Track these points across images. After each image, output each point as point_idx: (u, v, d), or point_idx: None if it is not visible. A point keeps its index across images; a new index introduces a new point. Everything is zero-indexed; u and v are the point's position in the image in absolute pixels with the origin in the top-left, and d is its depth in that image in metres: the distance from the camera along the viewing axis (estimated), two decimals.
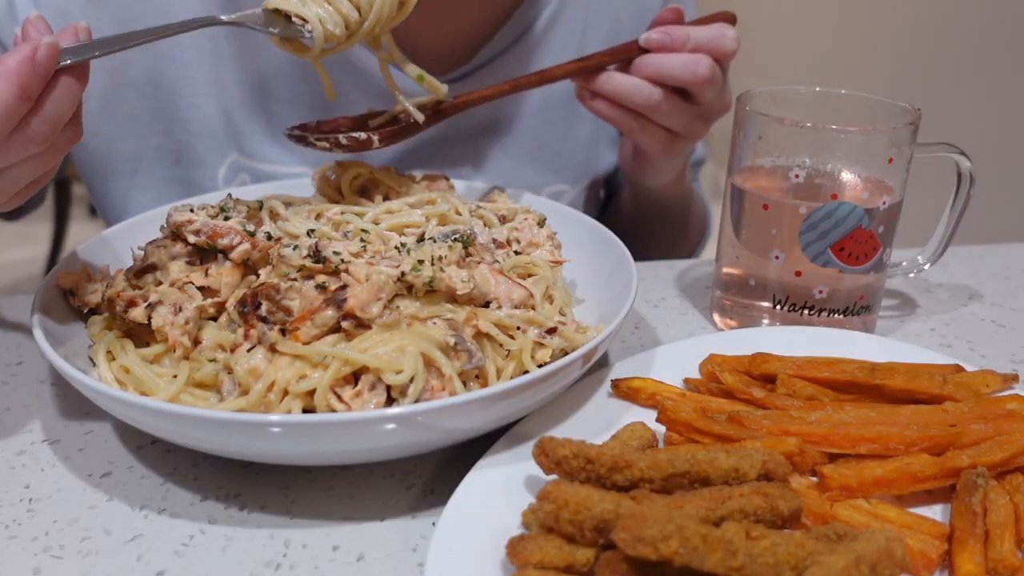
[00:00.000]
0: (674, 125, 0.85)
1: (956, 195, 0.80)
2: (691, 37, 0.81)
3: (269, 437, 0.53)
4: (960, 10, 2.66)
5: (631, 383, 0.64)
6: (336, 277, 0.61)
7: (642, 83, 0.81)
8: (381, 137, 0.78)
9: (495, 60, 0.97)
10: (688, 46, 0.81)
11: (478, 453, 0.58)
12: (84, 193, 2.56)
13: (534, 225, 0.76)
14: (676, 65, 0.80)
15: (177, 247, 0.68)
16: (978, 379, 0.65)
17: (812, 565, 0.43)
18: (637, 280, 0.69)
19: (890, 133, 0.72)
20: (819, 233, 0.73)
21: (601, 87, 0.83)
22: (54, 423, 0.67)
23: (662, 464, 0.50)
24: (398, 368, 0.57)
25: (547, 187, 1.04)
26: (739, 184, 0.78)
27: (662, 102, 0.82)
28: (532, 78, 0.83)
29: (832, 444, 0.56)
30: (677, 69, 0.80)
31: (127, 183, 0.96)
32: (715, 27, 0.82)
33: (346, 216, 0.73)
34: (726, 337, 0.73)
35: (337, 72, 0.93)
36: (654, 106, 0.82)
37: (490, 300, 0.66)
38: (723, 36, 0.81)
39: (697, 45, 0.81)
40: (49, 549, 0.54)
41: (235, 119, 0.95)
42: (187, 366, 0.61)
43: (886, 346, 0.71)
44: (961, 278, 0.95)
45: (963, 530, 0.51)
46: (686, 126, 0.86)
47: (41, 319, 0.63)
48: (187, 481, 0.60)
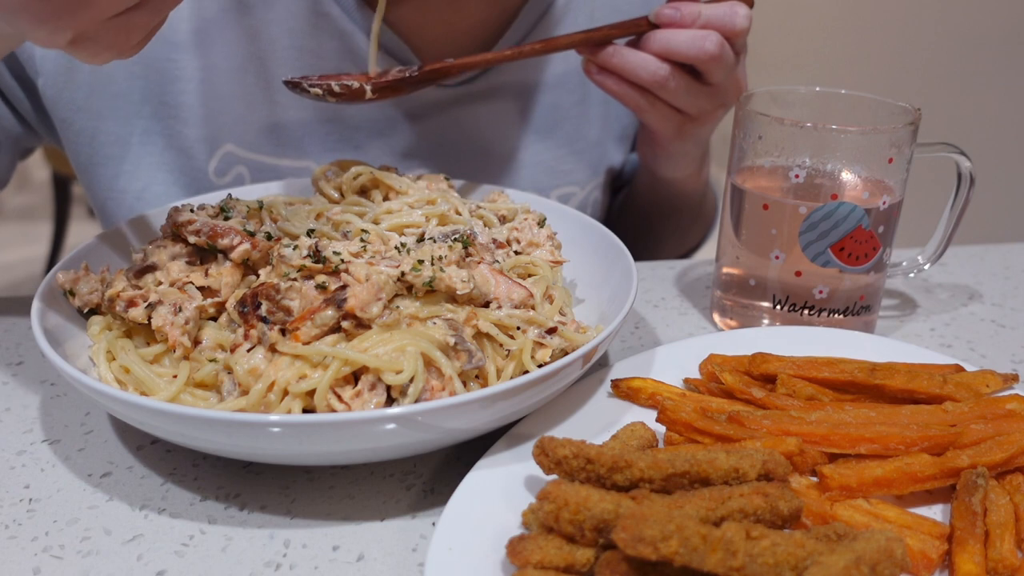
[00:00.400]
0: (683, 104, 0.84)
1: (956, 195, 0.80)
2: (702, 13, 0.80)
3: (269, 437, 0.53)
4: (960, 10, 2.66)
5: (631, 383, 0.64)
6: (336, 277, 0.61)
7: (649, 58, 0.80)
8: (374, 88, 0.77)
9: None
10: (698, 22, 0.80)
11: (478, 453, 0.58)
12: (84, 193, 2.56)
13: (534, 225, 0.76)
14: (683, 40, 0.79)
15: (177, 247, 0.68)
16: (978, 379, 0.65)
17: (812, 565, 0.43)
18: (637, 280, 0.69)
19: (890, 133, 0.72)
20: (819, 233, 0.73)
21: (608, 60, 0.82)
22: (54, 423, 0.67)
23: (662, 464, 0.50)
24: (398, 368, 0.57)
25: (556, 189, 1.03)
26: (739, 184, 0.78)
27: (669, 78, 0.81)
28: (536, 46, 0.82)
29: (832, 444, 0.56)
30: (684, 44, 0.79)
31: (115, 169, 0.94)
32: (727, 4, 0.81)
33: (346, 216, 0.73)
34: (726, 337, 0.73)
35: (341, 63, 0.93)
36: (660, 82, 0.81)
37: (490, 300, 0.66)
38: (734, 13, 0.80)
39: (707, 22, 0.80)
40: (49, 549, 0.54)
41: (230, 108, 0.93)
42: (187, 366, 0.61)
43: (886, 346, 0.71)
44: (961, 278, 0.95)
45: (963, 530, 0.51)
46: (696, 106, 0.85)
47: (41, 319, 0.63)
48: (187, 481, 0.60)
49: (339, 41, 0.91)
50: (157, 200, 0.94)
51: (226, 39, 0.91)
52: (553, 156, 1.02)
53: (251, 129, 0.94)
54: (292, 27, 0.91)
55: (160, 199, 0.94)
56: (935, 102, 2.25)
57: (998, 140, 2.64)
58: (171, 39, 0.90)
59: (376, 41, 0.81)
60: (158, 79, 0.91)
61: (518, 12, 0.96)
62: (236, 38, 0.91)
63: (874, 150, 0.73)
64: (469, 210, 0.77)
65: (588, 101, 1.02)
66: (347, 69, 0.92)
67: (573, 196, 1.04)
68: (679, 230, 1.16)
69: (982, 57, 2.65)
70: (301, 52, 0.92)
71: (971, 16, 2.63)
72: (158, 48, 0.90)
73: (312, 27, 0.91)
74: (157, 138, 0.93)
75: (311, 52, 0.92)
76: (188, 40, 0.90)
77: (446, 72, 0.81)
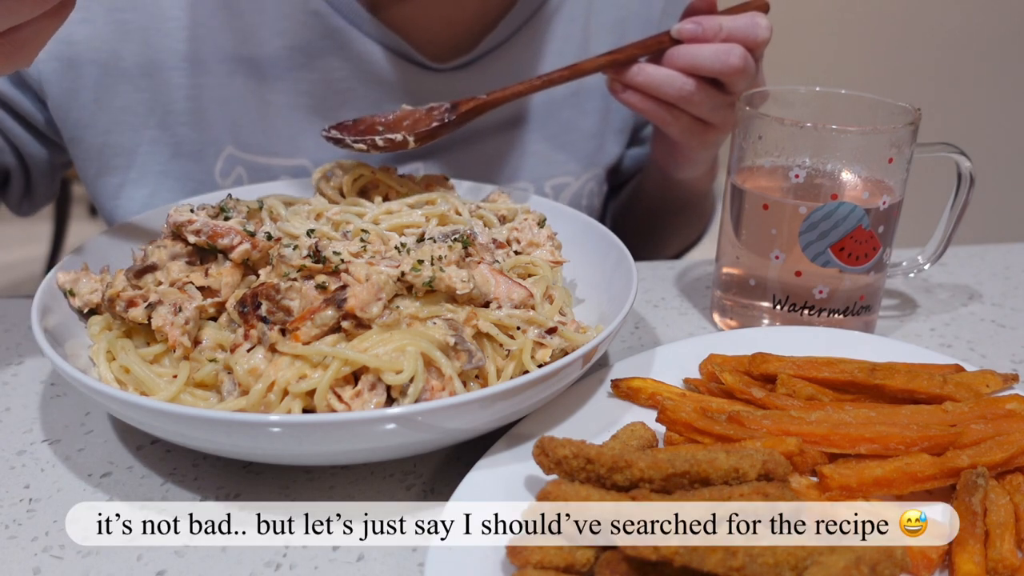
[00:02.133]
0: (707, 115, 0.85)
1: (956, 195, 0.80)
2: (723, 27, 0.80)
3: (269, 437, 0.53)
4: (960, 10, 2.66)
5: (631, 383, 0.64)
6: (336, 277, 0.61)
7: (675, 74, 0.81)
8: (416, 138, 0.78)
9: (497, 49, 0.97)
10: (720, 36, 0.80)
11: (478, 453, 0.58)
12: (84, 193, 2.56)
13: (534, 225, 0.76)
14: (708, 55, 0.80)
15: (177, 247, 0.68)
16: (978, 379, 0.65)
17: (812, 565, 0.43)
18: (637, 280, 0.69)
19: (890, 133, 0.72)
20: (819, 233, 0.73)
21: (633, 79, 0.83)
22: (54, 423, 0.67)
23: (662, 464, 0.50)
24: (398, 368, 0.57)
25: (551, 178, 1.04)
26: (739, 184, 0.78)
27: (695, 93, 0.81)
28: (564, 72, 0.83)
29: (832, 444, 0.56)
30: (709, 60, 0.80)
31: (121, 178, 0.95)
32: (747, 16, 0.81)
33: (346, 216, 0.73)
34: (726, 337, 0.73)
35: (333, 61, 0.93)
36: (687, 97, 0.82)
37: (490, 300, 0.66)
38: (755, 25, 0.81)
39: (729, 35, 0.80)
40: (49, 549, 0.54)
41: (230, 110, 0.94)
42: (187, 366, 0.61)
43: (886, 346, 0.71)
44: (961, 278, 0.95)
45: (963, 530, 0.51)
46: (719, 116, 0.85)
47: (41, 319, 0.63)
48: (187, 481, 0.60)
49: (331, 40, 0.92)
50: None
51: (218, 44, 0.91)
52: (547, 146, 1.03)
53: (245, 131, 0.94)
54: (283, 28, 0.91)
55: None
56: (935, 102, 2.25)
57: (998, 140, 2.64)
58: (171, 47, 0.90)
59: None
60: (163, 88, 0.92)
61: (515, 2, 0.97)
62: (228, 42, 0.92)
63: (874, 150, 0.73)
64: (469, 210, 0.77)
65: (583, 93, 1.02)
66: (339, 66, 0.93)
67: (567, 186, 1.05)
68: (686, 225, 1.17)
69: (982, 57, 2.65)
70: (293, 52, 0.92)
71: (971, 16, 2.63)
72: (159, 56, 0.90)
73: (303, 27, 0.91)
74: (164, 147, 0.94)
75: (302, 51, 0.92)
76: (185, 48, 0.91)
77: (480, 110, 0.82)
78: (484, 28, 0.96)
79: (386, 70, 0.93)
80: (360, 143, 0.78)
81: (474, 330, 0.63)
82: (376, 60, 0.93)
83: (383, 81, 0.94)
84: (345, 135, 0.80)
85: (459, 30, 0.95)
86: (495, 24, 0.96)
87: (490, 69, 0.97)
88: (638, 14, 1.04)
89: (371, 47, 0.93)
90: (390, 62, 0.93)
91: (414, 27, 0.93)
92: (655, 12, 1.04)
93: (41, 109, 0.92)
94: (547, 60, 1.00)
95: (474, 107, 0.81)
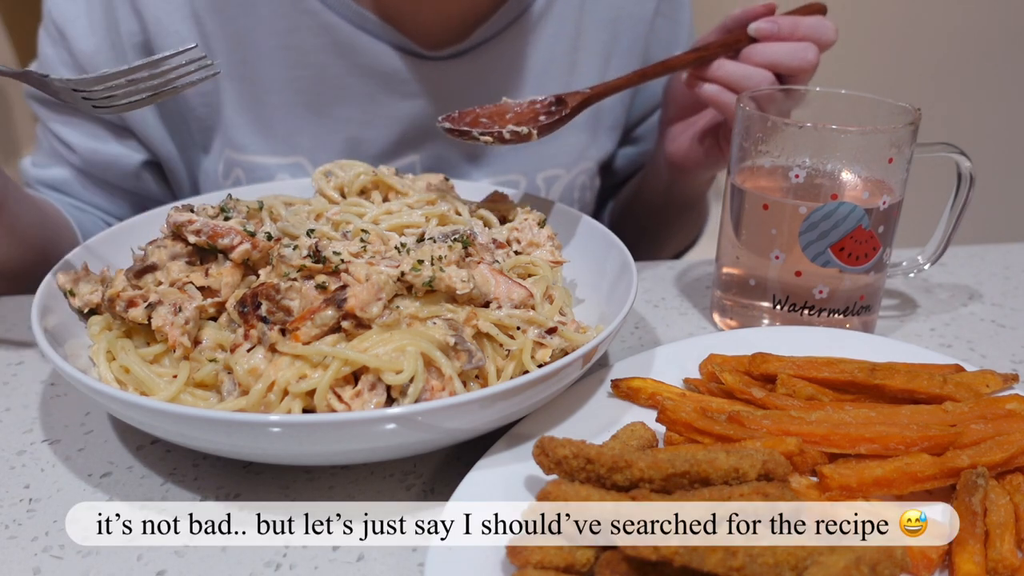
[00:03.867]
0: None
1: (956, 195, 0.80)
2: (799, 26, 0.85)
3: (269, 437, 0.53)
4: (960, 10, 2.66)
5: (631, 383, 0.64)
6: (336, 277, 0.61)
7: (754, 70, 0.85)
8: (539, 130, 0.79)
9: (492, 40, 0.98)
10: (796, 35, 0.85)
11: (478, 453, 0.58)
12: None
13: (534, 225, 0.76)
14: (786, 53, 0.84)
15: (177, 247, 0.68)
16: (978, 379, 0.65)
17: (812, 565, 0.43)
18: (637, 280, 0.69)
19: (890, 133, 0.72)
20: (819, 233, 0.73)
21: (715, 74, 0.86)
22: (54, 423, 0.67)
23: (662, 464, 0.50)
24: (398, 368, 0.57)
25: (542, 171, 1.05)
26: (739, 184, 0.78)
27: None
28: (657, 67, 0.87)
29: (832, 444, 0.56)
30: (787, 57, 0.84)
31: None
32: (817, 18, 0.86)
33: (346, 216, 0.73)
34: (726, 337, 0.73)
35: (326, 57, 0.94)
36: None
37: (490, 300, 0.66)
38: (825, 26, 0.85)
39: (804, 34, 0.85)
40: (49, 549, 0.54)
41: (224, 112, 0.96)
42: (187, 366, 0.61)
43: (886, 346, 0.71)
44: (961, 278, 0.95)
45: (963, 530, 0.51)
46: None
47: (41, 319, 0.63)
48: (187, 481, 0.60)
49: (323, 36, 0.93)
50: None
51: (213, 51, 0.93)
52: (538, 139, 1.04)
53: (242, 131, 0.95)
54: (276, 28, 0.93)
55: None
56: (935, 102, 2.25)
57: (998, 140, 2.64)
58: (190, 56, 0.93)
59: None
60: (188, 99, 0.95)
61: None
62: (222, 46, 0.94)
63: (874, 150, 0.73)
64: (469, 210, 0.77)
65: (574, 86, 1.03)
66: (333, 63, 0.94)
67: (559, 179, 1.06)
68: (687, 225, 1.18)
69: (982, 57, 2.64)
70: (286, 51, 0.94)
71: (971, 16, 2.62)
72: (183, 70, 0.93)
73: (295, 25, 0.92)
74: (200, 152, 1.00)
75: (295, 49, 0.94)
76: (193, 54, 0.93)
77: (587, 103, 0.83)
78: (476, 19, 0.98)
79: (380, 62, 0.95)
80: (487, 135, 0.79)
81: (474, 330, 0.63)
82: (370, 52, 0.94)
83: (377, 73, 0.95)
84: (468, 128, 0.80)
85: (453, 23, 0.97)
86: (487, 16, 0.98)
87: (483, 59, 0.98)
88: (631, 13, 1.05)
89: (365, 40, 0.94)
90: (385, 54, 0.95)
91: (410, 20, 0.95)
92: (648, 11, 1.05)
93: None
94: (538, 54, 1.01)
95: (581, 101, 0.82)
